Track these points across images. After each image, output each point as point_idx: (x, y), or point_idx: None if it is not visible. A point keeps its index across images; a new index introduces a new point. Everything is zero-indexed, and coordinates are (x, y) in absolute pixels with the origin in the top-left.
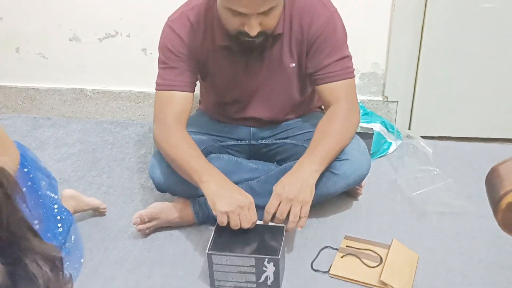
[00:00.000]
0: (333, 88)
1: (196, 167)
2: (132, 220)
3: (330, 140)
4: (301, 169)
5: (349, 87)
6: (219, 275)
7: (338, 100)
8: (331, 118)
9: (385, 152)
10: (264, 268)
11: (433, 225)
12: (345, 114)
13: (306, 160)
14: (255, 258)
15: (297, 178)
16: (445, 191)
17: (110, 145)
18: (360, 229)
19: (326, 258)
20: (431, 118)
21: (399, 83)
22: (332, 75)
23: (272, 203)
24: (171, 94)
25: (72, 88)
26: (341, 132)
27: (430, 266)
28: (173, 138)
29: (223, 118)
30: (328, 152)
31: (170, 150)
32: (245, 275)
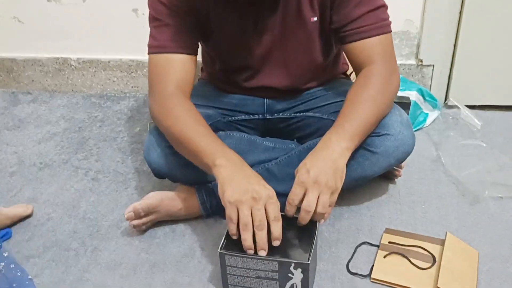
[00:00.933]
0: (366, 46)
1: (207, 148)
2: (125, 214)
3: (364, 110)
4: (329, 148)
5: (386, 44)
6: (234, 280)
7: (373, 61)
8: (365, 83)
9: (421, 124)
10: (290, 274)
11: (491, 213)
12: (382, 77)
13: (335, 136)
14: (279, 262)
15: (324, 159)
16: (500, 171)
17: (99, 122)
18: (402, 220)
19: (364, 258)
20: (473, 84)
21: (436, 44)
22: (364, 29)
23: (296, 192)
24: (168, 58)
25: (54, 58)
26: (378, 99)
27: (494, 264)
28: (176, 111)
29: (231, 88)
30: (362, 125)
31: (172, 127)
32: (265, 282)
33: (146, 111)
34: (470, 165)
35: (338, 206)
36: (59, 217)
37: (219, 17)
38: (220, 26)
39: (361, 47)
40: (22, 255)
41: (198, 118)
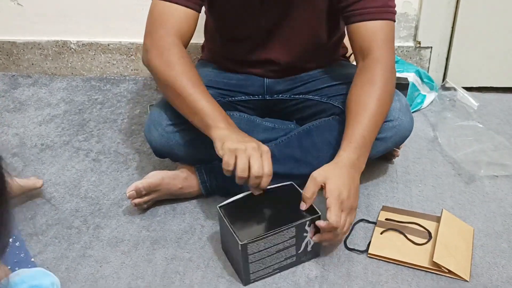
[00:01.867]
0: (370, 29)
1: (209, 109)
2: (127, 193)
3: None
4: (353, 165)
5: (389, 31)
6: (255, 266)
7: (374, 48)
8: (372, 80)
9: (419, 106)
10: (304, 233)
11: (486, 191)
12: (386, 71)
13: (356, 150)
14: (296, 226)
15: (352, 180)
16: (496, 150)
17: (99, 104)
18: (399, 198)
19: (361, 234)
20: (470, 66)
21: (434, 25)
22: (368, 11)
23: (338, 215)
24: (172, 6)
25: (54, 41)
26: (386, 97)
27: (488, 240)
28: (178, 66)
29: (231, 65)
30: (375, 129)
31: (173, 82)
32: (284, 252)
33: (146, 94)
34: (466, 145)
35: None
36: (61, 196)
37: None
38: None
39: (364, 29)
40: (25, 233)
41: (198, 76)
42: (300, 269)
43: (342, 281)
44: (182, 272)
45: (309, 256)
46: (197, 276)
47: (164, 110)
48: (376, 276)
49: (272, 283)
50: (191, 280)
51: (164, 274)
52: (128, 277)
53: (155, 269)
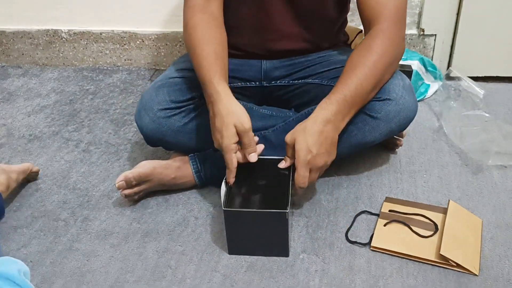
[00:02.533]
0: (376, 1)
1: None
2: (116, 183)
3: (365, 77)
4: (328, 121)
5: (400, 4)
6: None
7: (383, 18)
8: (370, 46)
9: (423, 95)
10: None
11: (494, 182)
12: (389, 40)
13: (335, 106)
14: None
15: (325, 136)
16: (503, 140)
17: (91, 95)
18: (403, 189)
19: (364, 226)
20: (476, 55)
21: (438, 13)
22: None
23: (305, 175)
24: None
25: (44, 30)
26: (380, 64)
27: (498, 232)
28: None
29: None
30: (361, 93)
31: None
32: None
33: (139, 84)
34: (473, 135)
35: (336, 175)
36: (48, 188)
37: None
38: None
39: (374, 2)
40: (9, 225)
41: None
42: (299, 263)
43: (344, 275)
44: (174, 266)
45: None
46: (189, 270)
47: (156, 94)
48: (379, 269)
49: (269, 277)
50: (184, 274)
51: (155, 268)
52: (117, 271)
53: (145, 263)
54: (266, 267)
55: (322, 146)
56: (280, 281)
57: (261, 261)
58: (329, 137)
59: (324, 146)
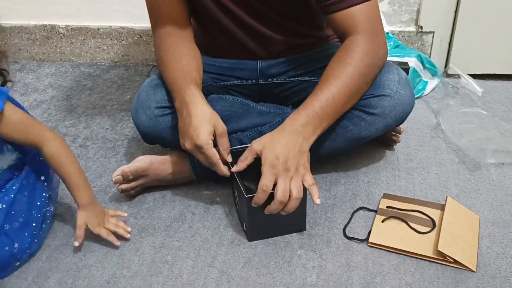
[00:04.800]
0: (348, 16)
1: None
2: (112, 178)
3: (338, 90)
4: (297, 132)
5: (370, 11)
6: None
7: (356, 30)
8: (344, 58)
9: (420, 93)
10: None
11: (492, 179)
12: (364, 51)
13: (304, 118)
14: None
15: (292, 145)
16: (502, 138)
17: (88, 90)
18: (401, 185)
19: (361, 223)
20: (474, 53)
21: (436, 10)
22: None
23: (269, 179)
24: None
25: (42, 25)
26: (355, 76)
27: (495, 229)
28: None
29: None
30: (334, 107)
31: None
32: None
33: (137, 80)
34: (470, 132)
35: (334, 172)
36: None
37: None
38: None
39: (342, 17)
40: None
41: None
42: (296, 259)
43: (341, 271)
44: (170, 262)
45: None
46: (186, 265)
47: (153, 91)
48: (377, 266)
49: (266, 273)
50: (180, 269)
51: (151, 264)
52: (113, 266)
53: (142, 258)
54: (263, 263)
55: (290, 152)
56: (277, 277)
57: (258, 257)
58: (296, 145)
59: (292, 153)
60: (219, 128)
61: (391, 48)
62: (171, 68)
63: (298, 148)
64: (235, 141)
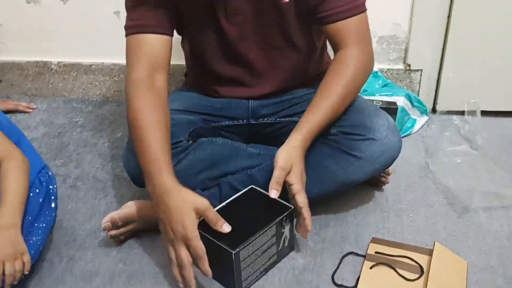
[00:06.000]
0: (340, 28)
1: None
2: (102, 224)
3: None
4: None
5: (361, 25)
6: (247, 272)
7: (347, 43)
8: (339, 71)
9: (409, 130)
10: (282, 230)
11: (481, 222)
12: (357, 63)
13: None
14: (276, 223)
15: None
16: (491, 180)
17: (79, 127)
18: (389, 228)
19: (350, 269)
20: (462, 90)
21: (424, 48)
22: (337, 11)
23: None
24: (140, 38)
25: (34, 61)
26: (350, 88)
27: (484, 275)
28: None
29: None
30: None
31: (132, 120)
32: (268, 252)
33: None
34: (459, 173)
35: (323, 214)
36: None
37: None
38: (193, 8)
39: (336, 29)
40: None
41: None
42: None
43: None
44: None
45: (286, 252)
46: None
47: None
48: None
49: None
50: None
51: None
52: None
53: None
54: None
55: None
56: None
57: None
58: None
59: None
60: (200, 208)
61: (380, 87)
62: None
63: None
64: (225, 185)
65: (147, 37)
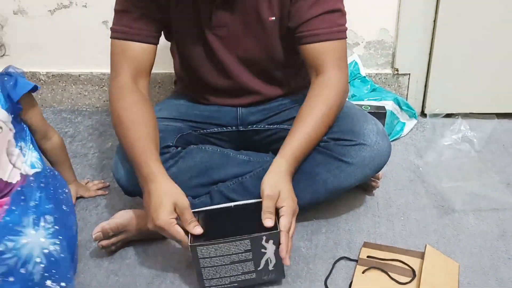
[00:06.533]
0: (321, 50)
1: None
2: (92, 235)
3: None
4: (289, 174)
5: (339, 50)
6: (209, 273)
7: (325, 68)
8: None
9: (398, 134)
10: (262, 250)
11: (471, 224)
12: (335, 91)
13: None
14: (251, 239)
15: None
16: (480, 182)
17: (69, 138)
18: (381, 232)
19: (343, 273)
20: (449, 93)
21: (411, 52)
22: (317, 33)
23: (290, 221)
24: (125, 44)
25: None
26: (330, 116)
27: (475, 277)
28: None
29: (203, 93)
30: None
31: (116, 118)
32: (240, 265)
33: None
34: (448, 176)
35: (315, 220)
36: None
37: (178, 8)
38: (179, 19)
39: (314, 51)
40: None
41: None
42: None
43: None
44: None
45: (272, 276)
46: None
47: None
48: None
49: None
50: None
51: None
52: None
53: None
54: None
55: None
56: None
57: None
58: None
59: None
60: (180, 205)
61: (368, 92)
62: (130, 135)
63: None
64: (216, 193)
65: (131, 45)
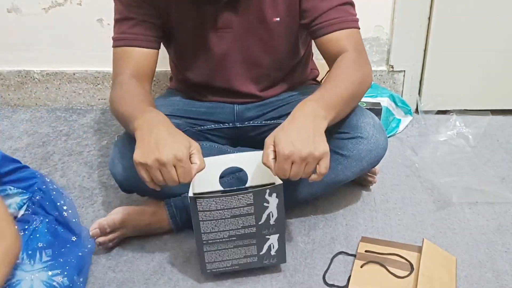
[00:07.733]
0: (337, 39)
1: (133, 111)
2: (90, 231)
3: (342, 86)
4: (309, 114)
5: (356, 38)
6: (207, 226)
7: (345, 50)
8: (341, 65)
9: (394, 131)
10: (265, 203)
11: (467, 218)
12: (356, 61)
13: (314, 103)
14: (254, 192)
15: (306, 126)
16: (475, 176)
17: (64, 136)
18: (378, 227)
19: (341, 268)
20: (445, 90)
21: (406, 49)
22: (333, 22)
23: (285, 168)
24: (126, 50)
25: (16, 71)
26: (355, 79)
27: (472, 270)
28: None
29: (198, 94)
30: (340, 100)
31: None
32: (242, 219)
33: (114, 124)
34: (444, 171)
35: (312, 215)
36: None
37: (179, 13)
38: (180, 21)
39: (332, 40)
40: None
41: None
42: None
43: None
44: None
45: (273, 261)
46: None
47: (129, 141)
48: None
49: None
50: None
51: None
52: None
53: None
54: None
55: (307, 137)
56: None
57: None
58: (310, 127)
59: (306, 136)
60: (194, 144)
61: None
62: (129, 97)
63: (312, 130)
64: None
65: (133, 50)
